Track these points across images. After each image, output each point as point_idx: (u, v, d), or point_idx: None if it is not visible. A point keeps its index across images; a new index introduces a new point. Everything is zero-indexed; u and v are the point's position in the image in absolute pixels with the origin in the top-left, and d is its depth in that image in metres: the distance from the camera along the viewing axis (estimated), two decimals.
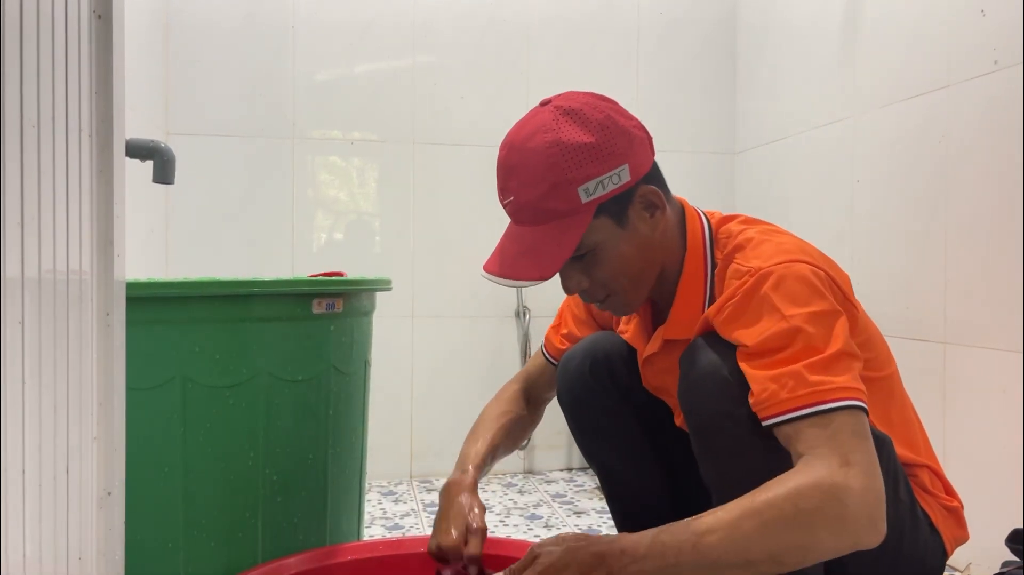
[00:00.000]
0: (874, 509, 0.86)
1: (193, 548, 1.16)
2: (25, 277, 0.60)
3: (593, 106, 1.03)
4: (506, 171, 1.04)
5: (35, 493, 0.63)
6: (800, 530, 0.85)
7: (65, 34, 0.68)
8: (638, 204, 1.04)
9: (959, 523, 1.13)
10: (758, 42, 2.59)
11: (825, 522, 0.84)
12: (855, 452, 0.87)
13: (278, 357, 1.20)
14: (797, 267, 0.96)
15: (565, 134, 1.00)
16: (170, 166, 1.39)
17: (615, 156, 1.00)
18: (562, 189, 0.99)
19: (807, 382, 0.90)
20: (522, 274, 1.01)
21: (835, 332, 0.94)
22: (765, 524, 0.85)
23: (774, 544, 0.85)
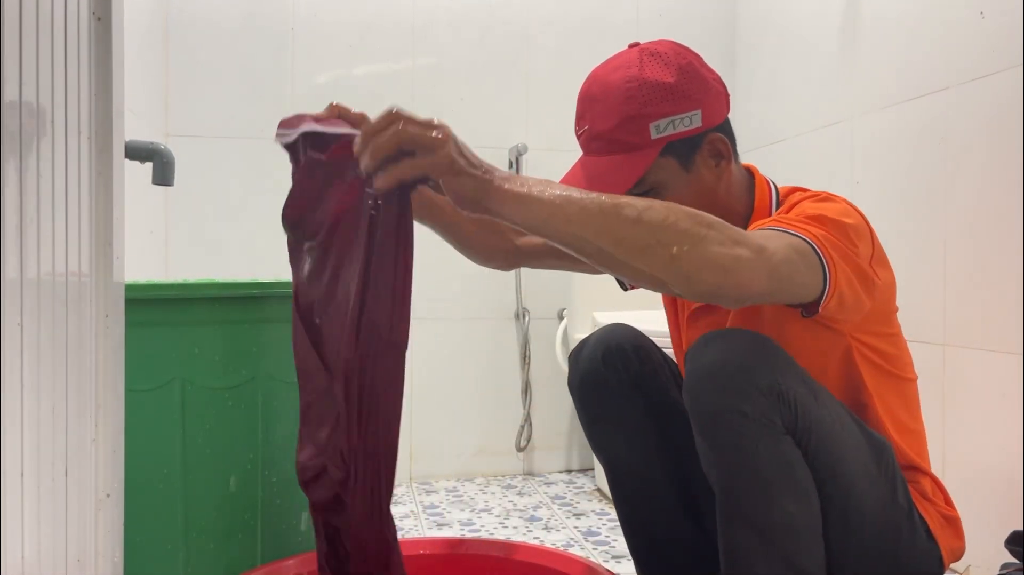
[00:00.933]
0: (764, 263, 0.85)
1: (192, 550, 1.16)
2: (24, 279, 0.60)
3: (677, 52, 1.08)
4: (586, 100, 1.09)
5: (34, 495, 0.63)
6: (699, 225, 0.84)
7: (64, 36, 0.68)
8: (705, 150, 1.08)
9: (957, 534, 1.13)
10: (757, 44, 2.59)
11: (719, 235, 0.84)
12: (783, 245, 0.89)
13: (277, 359, 1.20)
14: (845, 203, 1.03)
15: (647, 71, 1.05)
16: (170, 168, 1.39)
17: (690, 100, 1.05)
18: (635, 122, 1.04)
19: (783, 220, 0.96)
20: None
21: (853, 241, 0.98)
22: (677, 207, 0.85)
23: (673, 219, 0.83)
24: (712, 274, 0.83)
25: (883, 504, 1.04)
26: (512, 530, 2.04)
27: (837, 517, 1.01)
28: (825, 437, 0.99)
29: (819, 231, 0.94)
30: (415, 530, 2.05)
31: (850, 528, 1.02)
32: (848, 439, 1.02)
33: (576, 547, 1.91)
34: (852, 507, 1.02)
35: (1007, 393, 1.56)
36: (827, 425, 1.00)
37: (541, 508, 2.25)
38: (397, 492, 2.42)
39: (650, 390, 1.23)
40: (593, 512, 2.21)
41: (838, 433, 1.01)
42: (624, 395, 1.24)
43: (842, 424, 1.02)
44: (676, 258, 0.82)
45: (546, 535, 2.01)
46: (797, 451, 0.98)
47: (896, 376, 1.11)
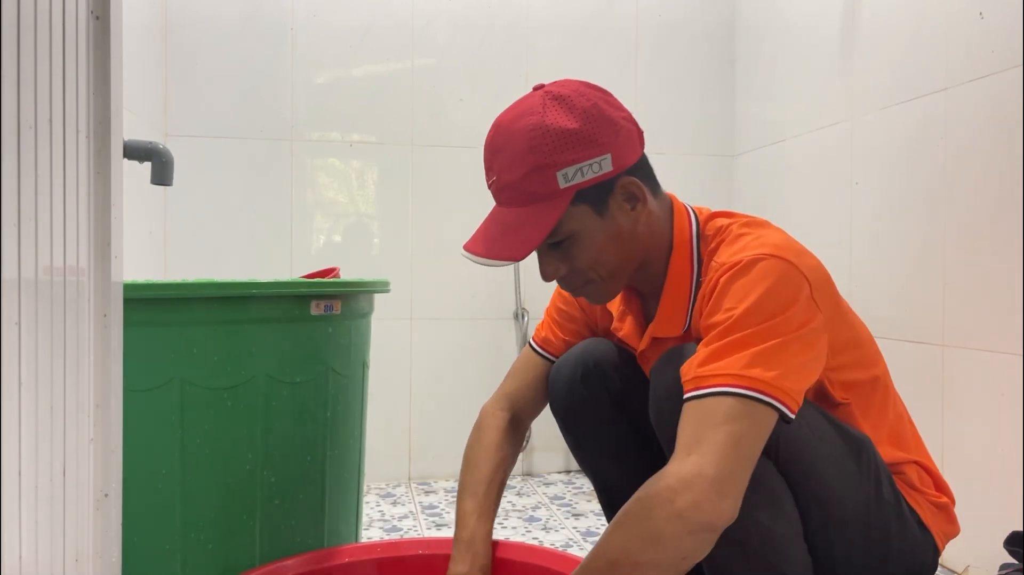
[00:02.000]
0: (718, 498, 0.87)
1: (191, 550, 1.16)
2: (22, 278, 0.60)
3: (581, 94, 1.03)
4: (491, 151, 1.05)
5: (32, 494, 0.63)
6: (644, 524, 0.88)
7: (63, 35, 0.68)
8: (619, 195, 1.04)
9: (949, 519, 1.13)
10: (757, 45, 2.59)
11: (657, 509, 0.87)
12: (711, 436, 0.89)
13: (276, 359, 1.20)
14: (765, 262, 0.96)
15: (550, 118, 1.00)
16: (168, 167, 1.39)
17: (597, 145, 1.01)
18: (541, 172, 1.00)
19: (694, 372, 0.93)
20: (497, 253, 1.02)
21: (772, 319, 0.93)
22: (616, 525, 0.90)
23: (626, 544, 0.89)
24: (687, 542, 0.88)
25: (867, 501, 1.03)
26: (511, 530, 2.04)
27: (817, 520, 1.01)
28: (795, 443, 0.99)
29: (733, 362, 0.91)
30: (414, 530, 2.05)
31: (832, 529, 1.02)
32: (820, 441, 1.01)
33: (575, 547, 1.91)
34: (834, 509, 1.01)
35: (1006, 393, 1.56)
36: (796, 430, 0.99)
37: (540, 508, 2.25)
38: (396, 492, 2.42)
39: (632, 407, 1.23)
40: (592, 513, 2.21)
41: (807, 437, 1.00)
42: (607, 416, 1.24)
43: (812, 427, 1.01)
44: (663, 566, 0.89)
45: (545, 535, 2.01)
46: (766, 461, 0.97)
47: (861, 380, 1.09)
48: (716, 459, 0.88)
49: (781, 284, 0.95)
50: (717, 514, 0.87)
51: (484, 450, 1.22)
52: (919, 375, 1.77)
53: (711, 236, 1.08)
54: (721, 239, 1.06)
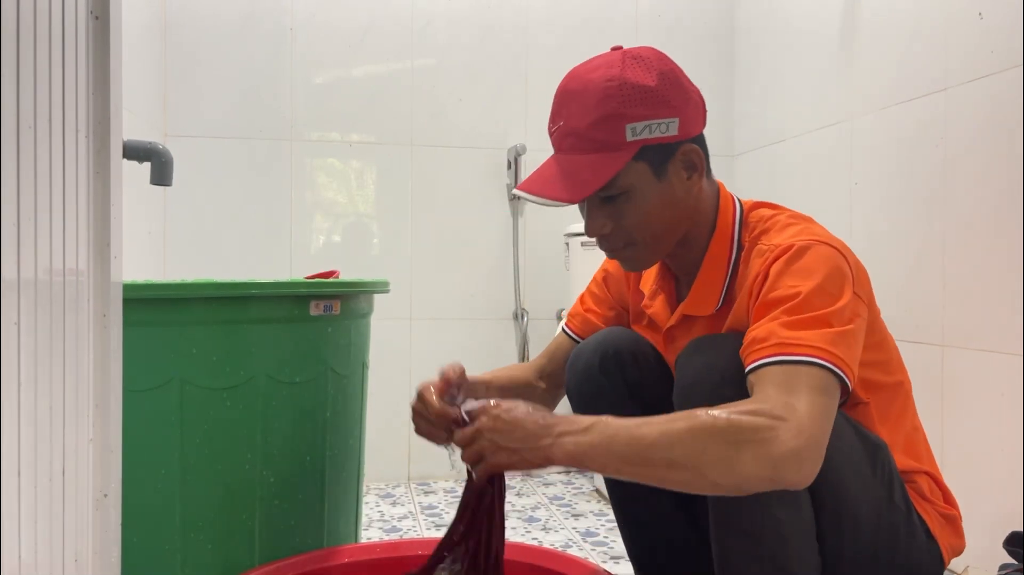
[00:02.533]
0: (804, 449, 0.86)
1: (190, 550, 1.16)
2: (21, 278, 0.60)
3: (660, 59, 1.07)
4: (564, 96, 1.08)
5: (31, 495, 0.63)
6: (726, 444, 0.87)
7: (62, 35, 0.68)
8: (679, 160, 1.07)
9: (956, 532, 1.13)
10: (756, 45, 2.59)
11: (752, 444, 0.86)
12: (804, 399, 0.89)
13: (276, 359, 1.20)
14: (818, 247, 1.00)
15: (628, 72, 1.03)
16: (168, 168, 1.39)
17: (669, 106, 1.04)
18: (611, 122, 1.02)
19: (780, 336, 0.93)
20: (552, 194, 1.04)
21: (836, 304, 0.96)
22: (696, 429, 0.88)
23: (699, 450, 0.87)
24: (762, 473, 0.87)
25: (879, 505, 1.03)
26: (511, 531, 2.04)
27: (830, 520, 1.01)
28: None
29: (819, 336, 0.92)
30: (413, 531, 2.05)
31: (844, 531, 1.02)
32: (840, 441, 1.01)
33: (575, 548, 1.91)
34: (846, 510, 1.01)
35: (1005, 393, 1.56)
36: None
37: (540, 509, 2.25)
38: (396, 493, 2.42)
39: (647, 397, 1.23)
40: (591, 513, 2.21)
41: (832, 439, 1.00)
42: (621, 403, 1.24)
43: (836, 429, 1.01)
44: (717, 485, 0.89)
45: (545, 536, 2.01)
46: None
47: (885, 382, 1.11)
48: (813, 420, 0.88)
49: (834, 270, 0.98)
50: (804, 477, 0.88)
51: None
52: (919, 375, 1.77)
53: (753, 224, 1.10)
54: (767, 227, 1.08)
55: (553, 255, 2.60)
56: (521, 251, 2.62)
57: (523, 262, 2.62)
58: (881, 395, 1.10)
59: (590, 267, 2.25)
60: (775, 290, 0.98)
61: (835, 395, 0.92)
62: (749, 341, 0.96)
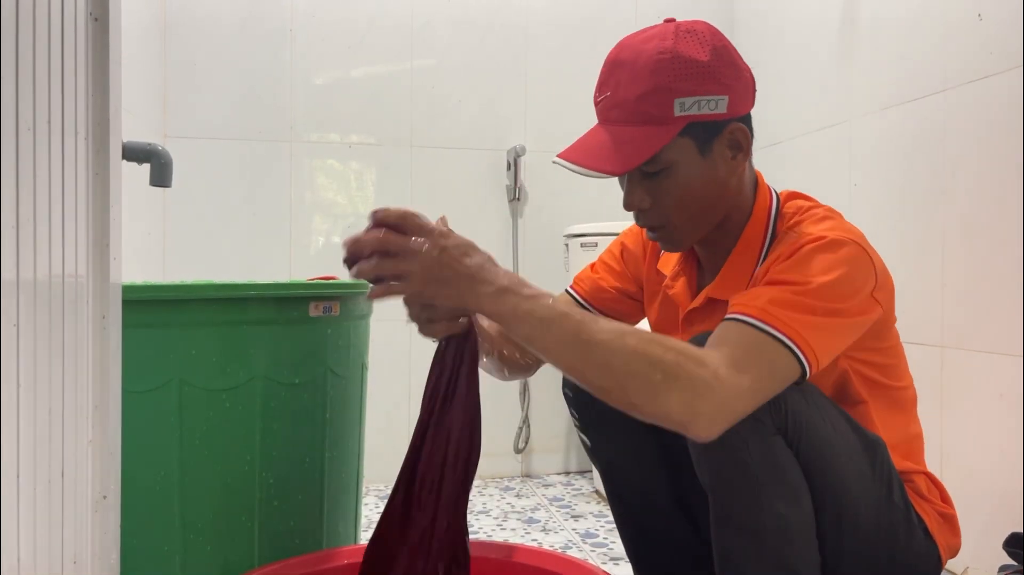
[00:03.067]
0: (724, 417, 0.88)
1: (189, 552, 1.16)
2: (21, 280, 0.60)
3: (714, 34, 1.05)
4: (613, 65, 1.06)
5: (30, 497, 0.63)
6: (663, 377, 0.87)
7: (61, 37, 0.68)
8: (725, 139, 1.05)
9: (954, 531, 1.13)
10: (755, 46, 2.59)
11: (684, 391, 0.86)
12: (752, 376, 0.90)
13: (275, 360, 1.20)
14: (851, 246, 0.99)
15: (681, 46, 1.01)
16: (167, 169, 1.39)
17: (720, 83, 1.02)
18: (661, 95, 1.00)
19: (771, 307, 0.93)
20: (596, 164, 1.02)
21: (837, 303, 0.96)
22: (643, 353, 0.87)
23: (635, 371, 0.87)
24: (676, 416, 0.88)
25: (878, 504, 1.03)
26: (510, 532, 2.04)
27: (831, 518, 1.01)
28: (816, 437, 0.99)
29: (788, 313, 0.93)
30: None
31: (844, 528, 1.02)
32: (840, 439, 1.02)
33: (574, 549, 1.91)
34: (846, 507, 1.01)
35: (1004, 395, 1.56)
36: (818, 425, 0.99)
37: (539, 510, 2.25)
38: None
39: None
40: (591, 514, 2.21)
41: (829, 433, 1.00)
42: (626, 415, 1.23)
43: (834, 424, 1.02)
44: (632, 406, 0.89)
45: (544, 537, 2.01)
46: (788, 451, 0.98)
47: (890, 386, 1.11)
48: (744, 399, 0.89)
49: (857, 272, 0.98)
50: (708, 436, 0.89)
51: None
52: (918, 376, 1.77)
53: (789, 215, 1.10)
54: (802, 218, 1.08)
55: (553, 256, 2.60)
56: (520, 252, 2.62)
57: (523, 263, 2.62)
58: (883, 397, 1.10)
59: None
60: (792, 271, 0.97)
61: (784, 382, 0.93)
62: (746, 295, 0.96)
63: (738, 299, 0.96)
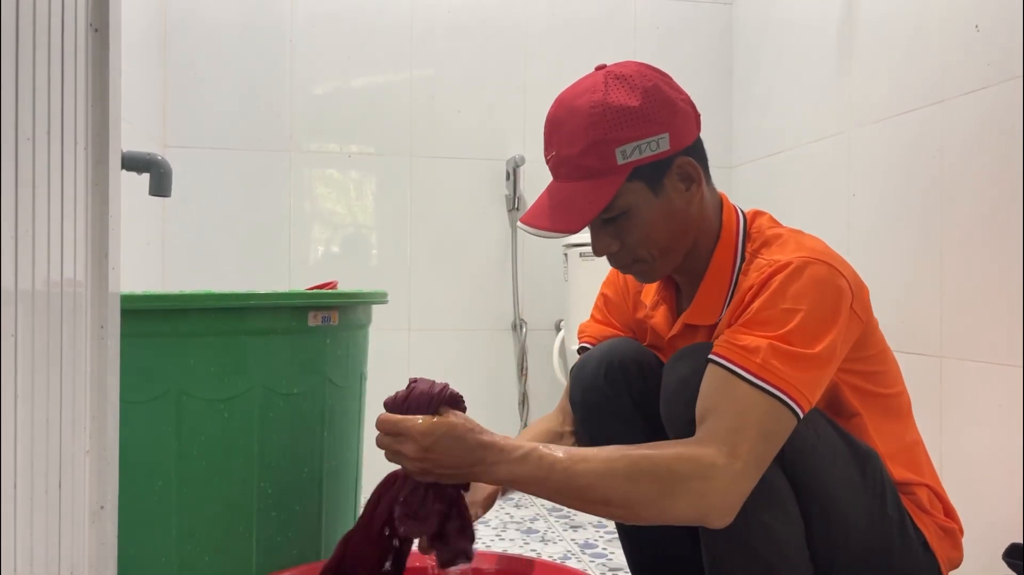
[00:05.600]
0: (734, 503, 0.93)
1: (187, 562, 1.16)
2: (19, 289, 0.60)
3: (643, 74, 1.07)
4: (552, 126, 1.08)
5: (27, 507, 0.63)
6: (662, 489, 0.91)
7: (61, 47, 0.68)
8: (675, 174, 1.07)
9: (955, 545, 1.12)
10: (754, 56, 2.60)
11: (686, 492, 0.91)
12: (748, 446, 0.92)
13: (273, 370, 1.20)
14: (816, 266, 1.00)
15: (611, 95, 1.03)
16: (167, 179, 1.39)
17: (656, 123, 1.04)
18: (600, 147, 1.03)
19: (764, 357, 0.94)
20: (553, 225, 1.05)
21: (824, 336, 0.97)
22: (634, 472, 0.92)
23: (634, 492, 0.92)
24: (690, 519, 0.93)
25: (870, 514, 1.03)
26: (509, 542, 2.03)
27: (821, 528, 1.01)
28: (802, 446, 0.99)
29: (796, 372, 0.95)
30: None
31: (835, 538, 1.02)
32: (828, 449, 1.01)
33: (573, 560, 1.91)
34: (835, 518, 1.01)
35: (1004, 405, 1.56)
36: (803, 434, 0.99)
37: (538, 520, 2.25)
38: None
39: (651, 408, 1.23)
40: (590, 524, 2.20)
41: (815, 443, 1.00)
42: (625, 415, 1.24)
43: (820, 433, 1.01)
44: (647, 520, 0.95)
45: (543, 547, 2.00)
46: (774, 464, 0.98)
47: (881, 394, 1.11)
48: (748, 476, 0.93)
49: (830, 292, 1.00)
50: (727, 523, 0.93)
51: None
52: (917, 386, 1.77)
53: (755, 235, 1.11)
54: (767, 240, 1.09)
55: (552, 266, 2.60)
56: (520, 262, 2.62)
57: (522, 273, 2.62)
58: (875, 406, 1.10)
59: (589, 278, 2.25)
60: (769, 308, 0.98)
61: (781, 440, 0.96)
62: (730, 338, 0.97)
63: (726, 342, 0.98)
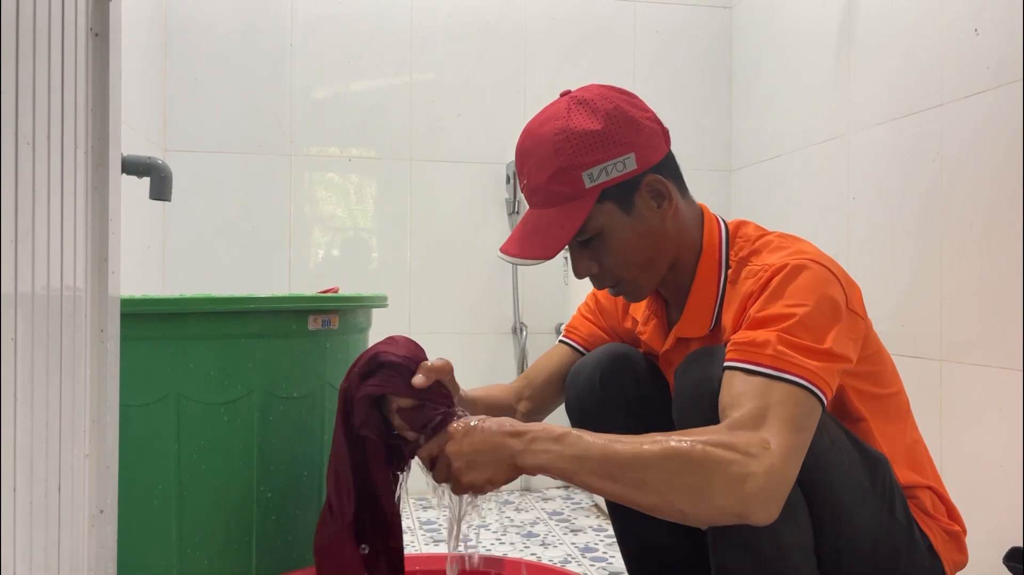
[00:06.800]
0: (774, 491, 0.88)
1: (186, 566, 1.15)
2: (19, 293, 0.60)
3: (604, 96, 1.07)
4: (521, 156, 1.10)
5: (26, 511, 0.63)
6: (698, 475, 0.87)
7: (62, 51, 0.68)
8: (645, 192, 1.07)
9: (959, 548, 1.12)
10: (753, 60, 2.60)
11: (724, 479, 0.87)
12: (777, 433, 0.89)
13: (273, 374, 1.20)
14: (811, 267, 1.00)
15: (573, 121, 1.04)
16: (167, 183, 1.39)
17: (620, 144, 1.04)
18: (567, 173, 1.04)
19: (775, 348, 0.93)
20: (529, 253, 1.06)
21: (829, 330, 0.97)
22: (671, 455, 0.89)
23: (670, 477, 0.88)
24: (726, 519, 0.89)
25: (879, 520, 1.03)
26: (509, 546, 2.03)
27: (830, 534, 1.01)
28: (816, 452, 0.99)
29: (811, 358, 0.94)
30: (411, 546, 2.04)
31: (843, 544, 1.01)
32: (838, 455, 1.01)
33: (573, 563, 1.90)
34: (845, 524, 1.01)
35: (1004, 408, 1.56)
36: (817, 440, 0.99)
37: (539, 524, 2.24)
38: None
39: (647, 414, 1.23)
40: (591, 528, 2.20)
41: (827, 448, 1.00)
42: (621, 421, 1.24)
43: (831, 438, 1.01)
44: (684, 515, 0.90)
45: (543, 551, 2.00)
46: None
47: (882, 395, 1.11)
48: (785, 459, 0.88)
49: (832, 291, 0.99)
50: (770, 515, 0.88)
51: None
52: (917, 389, 1.77)
53: (740, 244, 1.11)
54: (757, 247, 1.09)
55: (552, 269, 2.60)
56: (519, 266, 2.62)
57: (522, 276, 2.62)
58: (878, 409, 1.10)
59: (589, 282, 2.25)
60: (770, 308, 0.98)
61: (811, 427, 0.93)
62: (740, 341, 0.97)
63: (734, 345, 0.97)
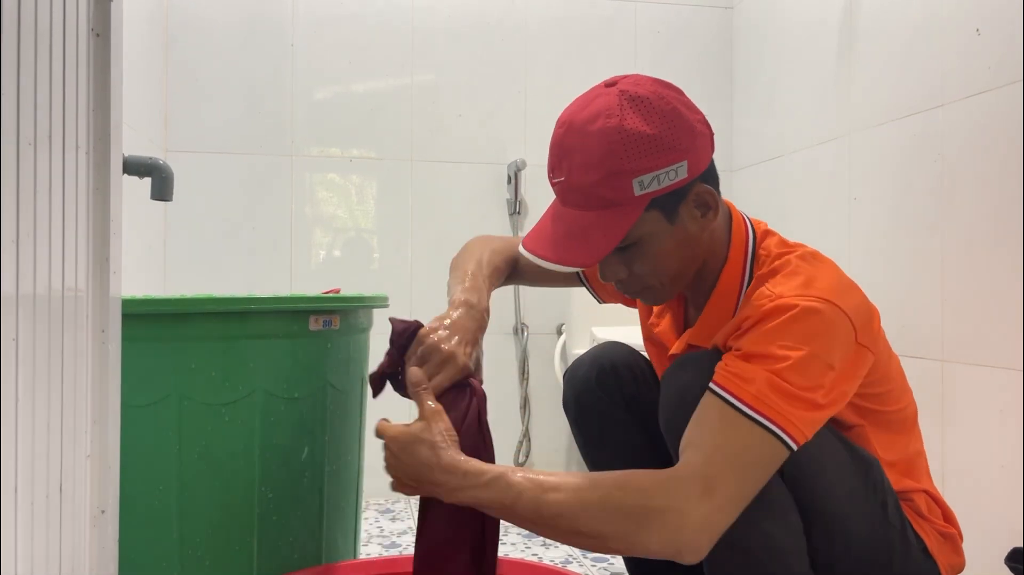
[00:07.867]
0: (704, 541, 0.91)
1: (187, 566, 1.15)
2: (20, 294, 0.60)
3: (660, 96, 0.99)
4: (562, 151, 1.01)
5: (27, 511, 0.63)
6: (635, 524, 0.90)
7: (63, 51, 0.68)
8: (691, 202, 1.01)
9: (955, 550, 1.12)
10: (754, 60, 2.60)
11: (659, 529, 0.89)
12: (726, 483, 0.90)
13: (274, 374, 1.20)
14: (821, 310, 0.95)
15: (628, 121, 0.96)
16: (168, 183, 1.39)
17: (675, 151, 0.97)
18: (617, 179, 0.96)
19: (759, 388, 0.92)
20: (566, 259, 0.99)
21: (823, 378, 0.94)
22: (608, 507, 0.91)
23: (605, 527, 0.91)
24: (662, 554, 0.91)
25: (871, 522, 1.03)
26: (511, 546, 2.03)
27: (822, 536, 1.00)
28: (804, 455, 0.98)
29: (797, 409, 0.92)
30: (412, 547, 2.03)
31: (837, 546, 1.01)
32: (829, 457, 1.01)
33: (574, 564, 1.90)
34: (837, 525, 1.01)
35: (1005, 409, 1.56)
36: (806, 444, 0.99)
37: None
38: (395, 508, 2.41)
39: (643, 411, 1.23)
40: None
41: (817, 451, 0.99)
42: (617, 417, 1.24)
43: (822, 441, 1.00)
44: (620, 553, 0.96)
45: (544, 552, 2.00)
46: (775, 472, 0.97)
47: (882, 411, 1.09)
48: (725, 512, 0.91)
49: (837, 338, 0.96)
50: (700, 558, 0.92)
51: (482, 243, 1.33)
52: (918, 390, 1.76)
53: (764, 258, 1.07)
54: (775, 267, 1.04)
55: None
56: None
57: None
58: (876, 419, 1.09)
59: None
60: (768, 346, 0.94)
61: (767, 475, 0.94)
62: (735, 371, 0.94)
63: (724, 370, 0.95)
